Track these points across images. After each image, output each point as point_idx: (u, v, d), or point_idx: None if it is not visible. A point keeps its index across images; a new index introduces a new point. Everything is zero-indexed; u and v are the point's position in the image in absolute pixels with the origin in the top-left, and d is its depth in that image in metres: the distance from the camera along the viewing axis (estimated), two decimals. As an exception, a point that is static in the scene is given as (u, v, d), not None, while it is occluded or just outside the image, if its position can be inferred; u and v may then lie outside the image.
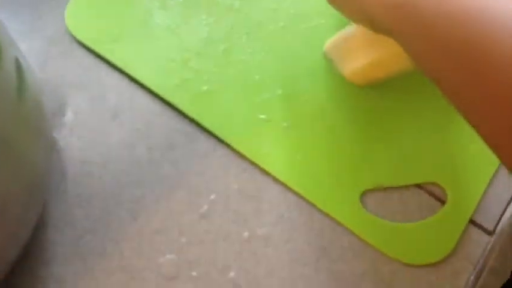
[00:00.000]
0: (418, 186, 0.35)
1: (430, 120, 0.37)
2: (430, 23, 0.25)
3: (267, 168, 0.35)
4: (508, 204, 0.35)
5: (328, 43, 0.40)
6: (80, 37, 0.39)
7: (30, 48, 0.38)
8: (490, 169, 0.36)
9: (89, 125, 0.35)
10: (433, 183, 0.35)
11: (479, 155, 0.36)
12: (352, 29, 0.37)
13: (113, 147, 0.35)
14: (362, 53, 0.37)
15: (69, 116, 0.36)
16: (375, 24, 0.29)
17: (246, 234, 0.33)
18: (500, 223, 0.35)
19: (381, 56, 0.35)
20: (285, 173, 0.35)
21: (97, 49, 0.39)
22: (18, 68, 0.27)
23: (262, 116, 0.37)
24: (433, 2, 0.24)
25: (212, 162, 0.35)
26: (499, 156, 0.24)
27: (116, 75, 0.38)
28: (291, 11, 0.42)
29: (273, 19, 0.41)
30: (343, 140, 0.36)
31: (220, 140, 0.36)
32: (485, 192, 0.35)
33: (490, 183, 0.35)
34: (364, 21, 0.30)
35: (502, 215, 0.35)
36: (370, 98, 0.38)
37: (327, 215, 0.34)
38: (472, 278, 0.33)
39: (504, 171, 0.36)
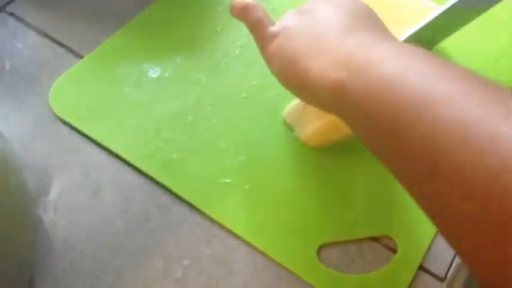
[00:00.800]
0: (373, 238, 0.38)
1: (380, 176, 0.41)
2: (361, 105, 0.28)
3: (234, 230, 0.38)
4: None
5: (287, 110, 0.44)
6: (62, 116, 0.43)
7: (15, 132, 0.41)
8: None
9: (72, 203, 0.39)
10: (386, 235, 0.38)
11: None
12: None
13: (94, 223, 0.38)
14: (316, 117, 0.41)
15: (53, 195, 0.39)
16: (321, 105, 0.33)
17: (217, 295, 0.36)
18: (451, 269, 0.38)
19: (333, 120, 0.39)
20: (250, 234, 0.38)
21: (78, 126, 0.43)
22: (3, 155, 0.31)
23: (227, 180, 0.40)
24: (363, 86, 0.28)
25: (185, 229, 0.38)
26: (475, 273, 0.25)
27: (96, 151, 0.41)
28: (253, 82, 0.46)
29: (237, 91, 0.45)
30: (300, 199, 0.40)
31: (191, 207, 0.39)
32: (434, 240, 0.38)
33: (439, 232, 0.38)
34: (313, 103, 0.34)
35: (452, 261, 0.38)
36: (325, 159, 0.42)
37: (293, 272, 0.37)
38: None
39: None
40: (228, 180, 0.40)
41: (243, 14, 0.37)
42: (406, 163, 0.26)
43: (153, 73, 0.46)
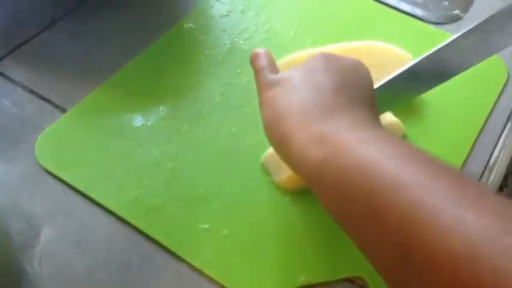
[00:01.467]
0: (348, 280, 0.39)
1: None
2: (336, 185, 0.30)
3: (212, 276, 0.39)
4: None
5: (265, 155, 0.45)
6: (47, 167, 0.44)
7: (2, 187, 0.43)
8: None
9: (55, 254, 0.40)
10: (360, 277, 0.39)
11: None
12: None
13: (77, 273, 0.39)
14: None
15: (38, 247, 0.40)
16: (294, 171, 0.35)
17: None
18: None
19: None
20: (228, 279, 0.39)
21: (62, 176, 0.44)
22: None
23: (206, 226, 0.41)
24: (338, 167, 0.30)
25: (166, 277, 0.39)
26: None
27: (80, 200, 0.42)
28: (232, 129, 0.48)
29: (216, 138, 0.47)
30: (277, 242, 0.41)
31: (171, 253, 0.40)
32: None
33: None
34: (286, 163, 0.35)
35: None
36: (301, 202, 0.43)
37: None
38: None
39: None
40: (207, 226, 0.41)
41: (252, 61, 0.41)
42: (378, 244, 0.27)
43: (136, 122, 0.48)
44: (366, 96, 0.36)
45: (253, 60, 0.40)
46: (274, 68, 0.39)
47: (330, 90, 0.35)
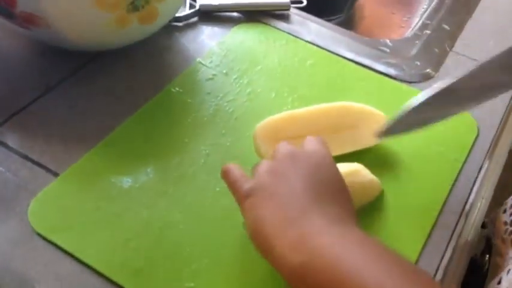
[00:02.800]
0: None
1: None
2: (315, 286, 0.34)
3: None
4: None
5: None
6: (39, 230, 0.46)
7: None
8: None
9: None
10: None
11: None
12: None
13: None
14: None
15: (28, 310, 0.42)
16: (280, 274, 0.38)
17: None
18: None
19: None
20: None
21: (54, 239, 0.46)
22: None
23: (191, 284, 0.43)
24: (313, 270, 0.34)
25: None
26: None
27: (70, 262, 0.44)
28: (216, 189, 0.50)
29: (202, 198, 0.49)
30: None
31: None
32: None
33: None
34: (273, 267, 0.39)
35: None
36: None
37: None
38: None
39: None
40: (192, 284, 0.43)
41: (224, 176, 0.44)
42: None
43: (125, 183, 0.50)
44: (335, 191, 0.40)
45: (226, 175, 0.43)
46: (245, 178, 0.42)
47: (301, 192, 0.39)
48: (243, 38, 0.66)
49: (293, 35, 0.68)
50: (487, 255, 0.74)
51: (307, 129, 0.51)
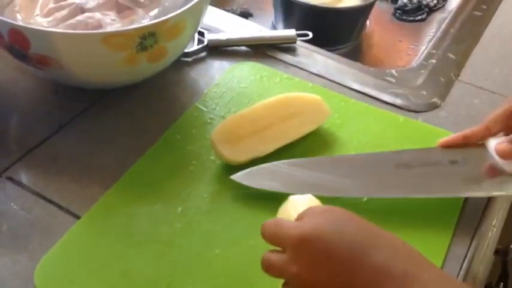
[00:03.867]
0: None
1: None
2: None
3: None
4: None
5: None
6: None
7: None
8: None
9: None
10: None
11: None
12: None
13: None
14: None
15: None
16: None
17: None
18: None
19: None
20: None
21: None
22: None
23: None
24: None
25: None
26: None
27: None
28: (223, 236, 0.50)
29: (209, 247, 0.49)
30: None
31: None
32: None
33: None
34: None
35: None
36: None
37: None
38: None
39: None
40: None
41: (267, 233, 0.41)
42: None
43: (132, 236, 0.49)
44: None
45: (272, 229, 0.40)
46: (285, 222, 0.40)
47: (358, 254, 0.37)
48: (239, 78, 0.66)
49: (298, 67, 0.69)
50: (502, 283, 0.73)
51: (258, 124, 0.56)
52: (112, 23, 0.53)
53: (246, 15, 0.95)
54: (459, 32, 0.77)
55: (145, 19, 0.57)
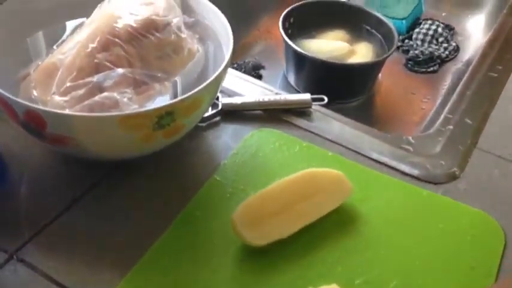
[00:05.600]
0: None
1: None
2: None
3: None
4: None
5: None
6: None
7: None
8: None
9: None
10: None
11: None
12: None
13: None
14: None
15: None
16: None
17: None
18: None
19: None
20: None
21: None
22: None
23: None
24: None
25: None
26: None
27: None
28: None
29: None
30: None
31: None
32: None
33: None
34: None
35: None
36: None
37: None
38: None
39: None
40: None
41: None
42: None
43: None
44: None
45: None
46: None
47: None
48: (257, 146, 0.65)
49: (314, 133, 0.68)
50: None
51: (280, 204, 0.54)
52: (129, 102, 0.52)
53: (258, 67, 0.95)
54: (475, 95, 0.76)
55: (163, 94, 0.56)
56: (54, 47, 0.60)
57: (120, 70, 0.54)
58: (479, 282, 0.53)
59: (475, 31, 1.10)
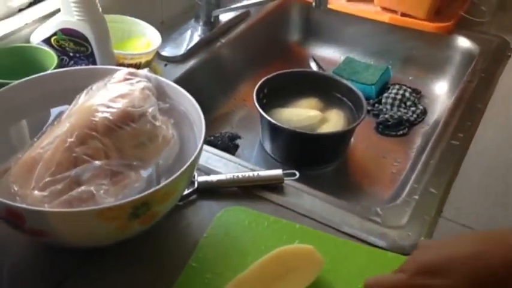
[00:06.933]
0: None
1: None
2: None
3: None
4: None
5: None
6: None
7: None
8: None
9: None
10: None
11: None
12: None
13: None
14: None
15: None
16: None
17: None
18: None
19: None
20: None
21: None
22: None
23: None
24: None
25: None
26: None
27: None
28: None
29: None
30: None
31: None
32: None
33: None
34: None
35: None
36: None
37: None
38: None
39: None
40: None
41: None
42: None
43: None
44: None
45: None
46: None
47: None
48: (228, 226, 0.67)
49: (286, 208, 0.71)
50: None
51: (259, 286, 0.57)
52: (104, 196, 0.54)
53: (235, 137, 0.98)
54: (439, 164, 0.80)
55: (138, 182, 0.59)
56: (35, 139, 0.62)
57: (97, 163, 0.57)
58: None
59: (440, 93, 1.16)
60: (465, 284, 0.44)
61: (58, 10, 0.83)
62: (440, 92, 1.16)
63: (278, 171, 0.75)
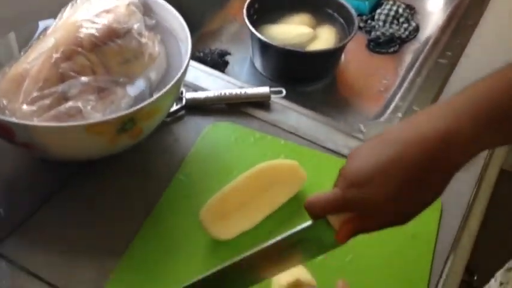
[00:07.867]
0: None
1: None
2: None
3: None
4: None
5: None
6: None
7: None
8: None
9: None
10: None
11: None
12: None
13: None
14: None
15: None
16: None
17: None
18: None
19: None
20: None
21: None
22: None
23: None
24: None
25: None
26: None
27: None
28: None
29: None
30: None
31: None
32: None
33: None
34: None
35: None
36: None
37: None
38: None
39: None
40: None
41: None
42: None
43: None
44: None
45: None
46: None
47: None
48: (214, 141, 0.69)
49: (271, 124, 0.73)
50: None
51: (241, 199, 0.60)
52: (92, 111, 0.56)
53: (224, 54, 0.98)
54: (425, 82, 0.81)
55: (124, 98, 0.60)
56: (21, 52, 0.63)
57: (84, 78, 0.58)
58: (420, 248, 0.60)
59: (434, 10, 1.14)
60: (396, 187, 0.43)
61: None
62: (435, 8, 1.14)
63: (265, 89, 0.76)
